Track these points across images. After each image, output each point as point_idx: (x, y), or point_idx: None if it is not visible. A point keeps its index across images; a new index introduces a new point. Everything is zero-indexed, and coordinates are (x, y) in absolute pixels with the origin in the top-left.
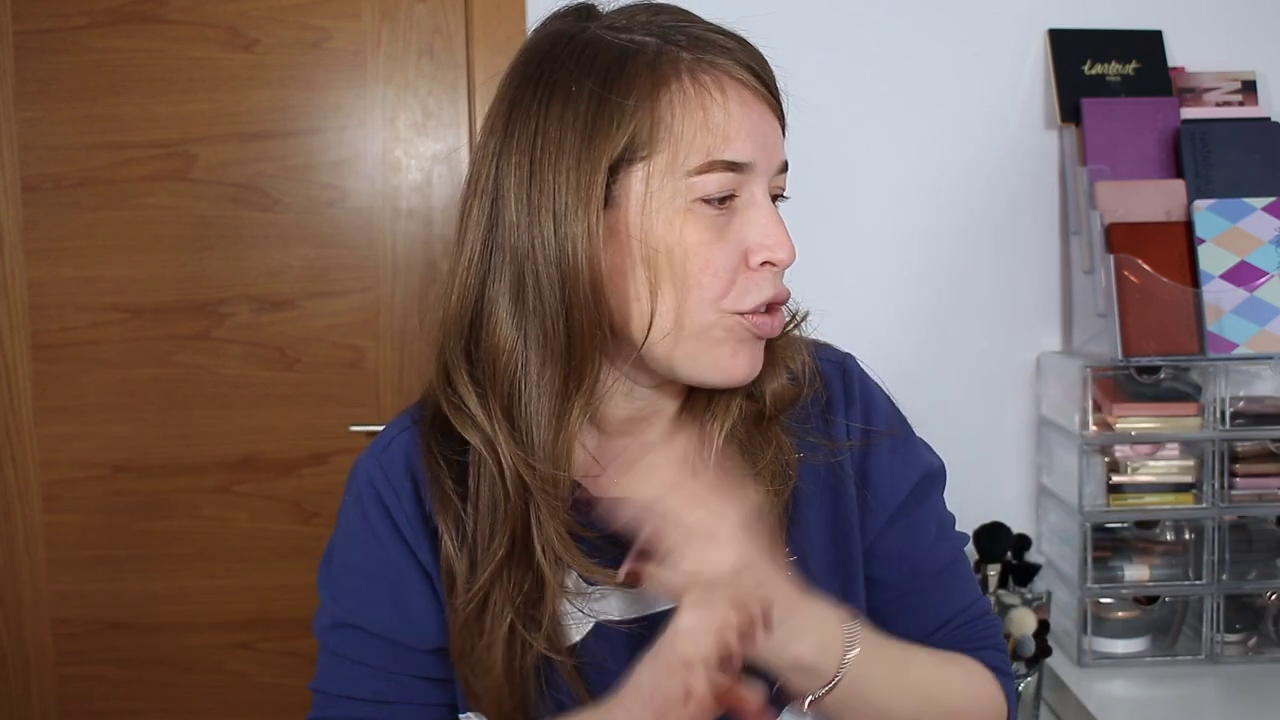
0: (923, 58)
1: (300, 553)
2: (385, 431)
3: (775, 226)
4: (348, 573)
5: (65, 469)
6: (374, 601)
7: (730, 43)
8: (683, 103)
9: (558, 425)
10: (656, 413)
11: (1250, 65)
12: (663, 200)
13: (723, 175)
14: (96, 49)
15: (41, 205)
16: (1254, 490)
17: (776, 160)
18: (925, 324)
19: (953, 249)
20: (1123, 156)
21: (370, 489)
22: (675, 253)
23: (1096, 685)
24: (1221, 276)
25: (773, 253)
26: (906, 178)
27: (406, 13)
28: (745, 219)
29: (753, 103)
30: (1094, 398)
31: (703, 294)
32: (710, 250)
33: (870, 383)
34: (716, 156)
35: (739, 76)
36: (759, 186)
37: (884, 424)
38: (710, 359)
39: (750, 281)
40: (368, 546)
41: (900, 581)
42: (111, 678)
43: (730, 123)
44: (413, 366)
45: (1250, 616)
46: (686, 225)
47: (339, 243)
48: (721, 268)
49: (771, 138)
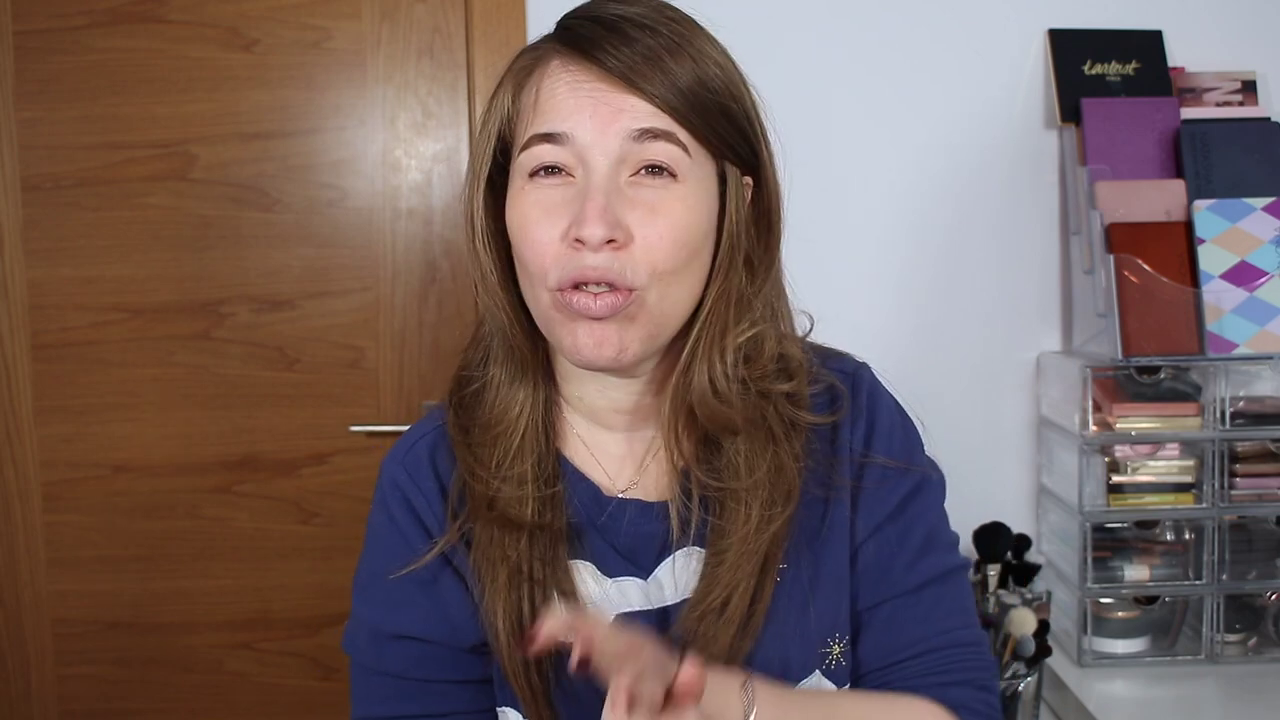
0: (923, 58)
1: (300, 553)
2: (409, 434)
3: (589, 202)
4: (382, 580)
5: (65, 469)
6: (413, 605)
7: (584, 26)
8: (531, 91)
9: (530, 413)
10: (643, 405)
11: (1250, 65)
12: (514, 186)
13: (540, 148)
14: (96, 49)
15: (41, 205)
16: (1254, 490)
17: (615, 130)
18: (925, 324)
19: (953, 249)
20: (1123, 156)
21: (396, 492)
22: (514, 233)
23: (1096, 685)
24: (1221, 276)
25: (579, 228)
26: (906, 178)
27: (406, 13)
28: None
29: (583, 79)
30: (1094, 398)
31: (529, 271)
32: (534, 227)
33: (880, 393)
34: (533, 131)
35: (570, 55)
36: (595, 160)
37: (887, 436)
38: (557, 339)
39: (565, 258)
40: (399, 550)
41: (872, 595)
42: (111, 678)
43: (551, 99)
44: (413, 366)
45: (1250, 616)
46: (518, 203)
47: (339, 243)
48: (540, 242)
49: (604, 109)
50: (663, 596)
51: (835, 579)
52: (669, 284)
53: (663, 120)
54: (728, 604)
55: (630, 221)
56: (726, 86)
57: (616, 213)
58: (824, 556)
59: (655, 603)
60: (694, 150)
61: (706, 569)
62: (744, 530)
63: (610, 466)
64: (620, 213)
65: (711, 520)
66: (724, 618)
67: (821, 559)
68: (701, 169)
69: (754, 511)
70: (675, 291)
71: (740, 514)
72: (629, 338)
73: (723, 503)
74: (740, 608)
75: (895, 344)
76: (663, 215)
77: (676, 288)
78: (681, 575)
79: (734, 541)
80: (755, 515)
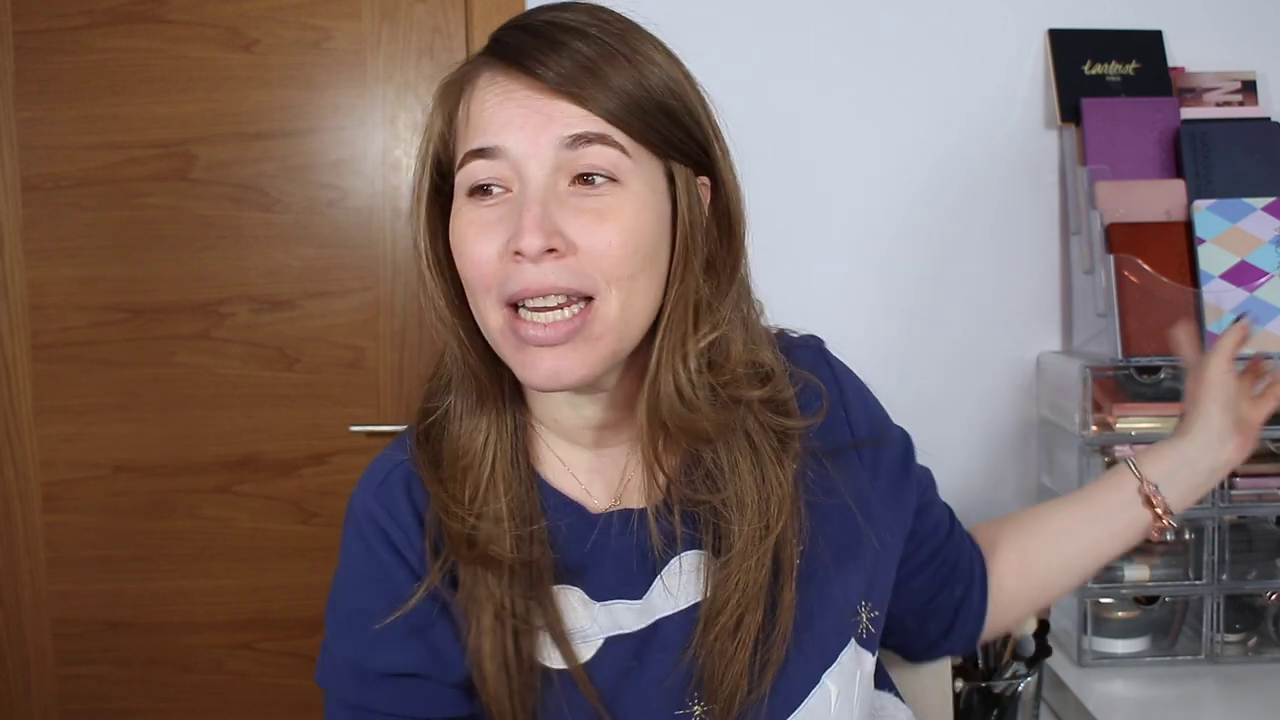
0: (923, 58)
1: (300, 553)
2: (376, 466)
3: (525, 213)
4: (367, 619)
5: (65, 469)
6: (402, 643)
7: (512, 36)
8: (463, 108)
9: (497, 442)
10: (616, 419)
11: (1250, 65)
12: (454, 207)
13: (474, 165)
14: (96, 49)
15: (41, 205)
16: (1254, 490)
17: (547, 139)
18: (926, 324)
19: (953, 249)
20: (1123, 156)
21: (374, 527)
22: (456, 255)
23: (1096, 685)
24: (1221, 276)
25: (516, 240)
26: (906, 178)
27: (406, 13)
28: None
29: (514, 90)
30: (1094, 398)
31: (474, 291)
32: (472, 246)
33: (839, 368)
34: (467, 148)
35: (499, 67)
36: (530, 171)
37: (862, 407)
38: (512, 366)
39: (505, 273)
40: (383, 588)
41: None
42: (111, 678)
43: (482, 113)
44: (412, 366)
45: (1250, 616)
46: (456, 224)
47: (339, 243)
48: (479, 260)
49: (535, 118)
50: (655, 611)
51: (852, 550)
52: (629, 291)
53: (596, 124)
54: (741, 622)
55: (574, 230)
56: (665, 84)
57: (556, 222)
58: (840, 530)
59: (648, 620)
60: (634, 152)
61: (712, 575)
62: (741, 542)
63: (590, 483)
64: (560, 222)
65: (702, 525)
66: (738, 639)
67: (838, 533)
68: (645, 170)
69: (747, 520)
70: (636, 300)
71: (734, 521)
72: (591, 359)
73: (715, 509)
74: (753, 624)
75: (896, 344)
76: (610, 220)
77: (636, 295)
78: (675, 584)
79: (734, 555)
80: (750, 524)
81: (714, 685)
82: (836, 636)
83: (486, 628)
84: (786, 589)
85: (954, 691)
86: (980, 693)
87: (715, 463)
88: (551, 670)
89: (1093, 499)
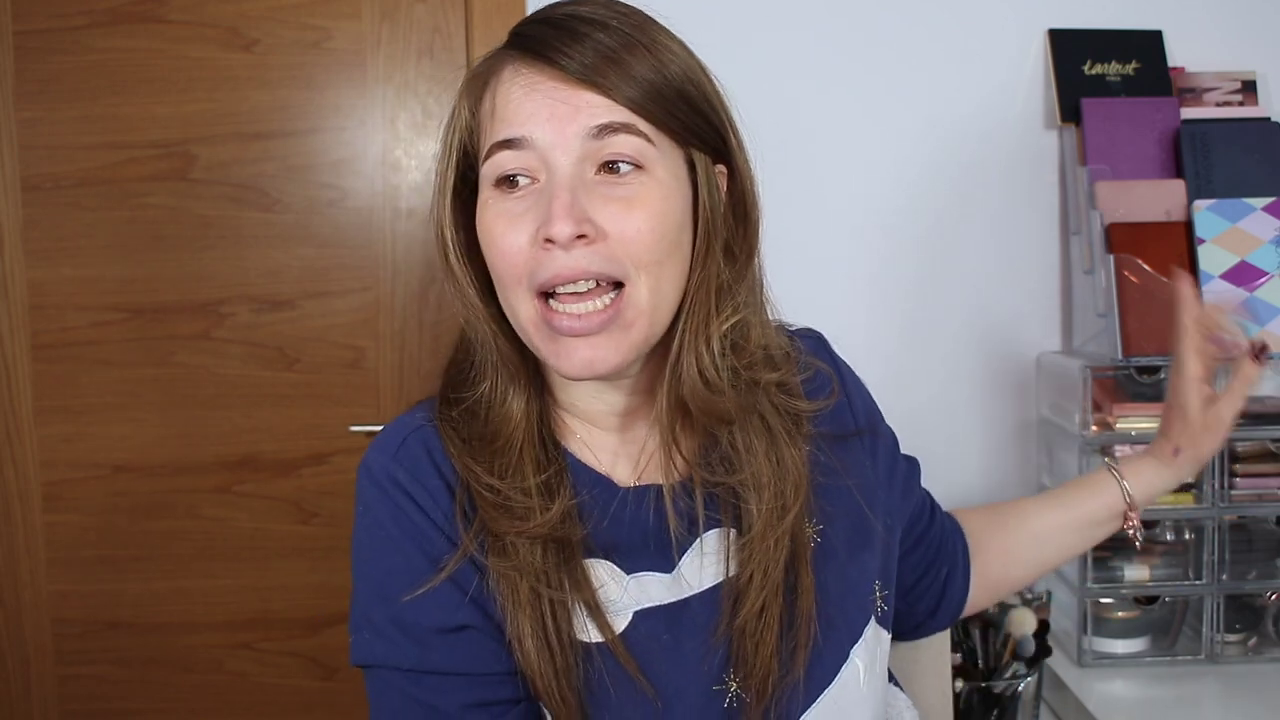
0: (923, 58)
1: (300, 553)
2: (393, 429)
3: (554, 200)
4: (408, 577)
5: (65, 469)
6: (450, 596)
7: (535, 29)
8: (488, 100)
9: (527, 424)
10: (638, 405)
11: (1250, 65)
12: (481, 198)
13: (501, 155)
14: (96, 49)
15: (41, 205)
16: (1254, 490)
17: (574, 128)
18: (925, 324)
19: (953, 249)
20: (1123, 156)
21: (398, 488)
22: (484, 245)
23: (1096, 685)
24: (1221, 276)
25: (546, 228)
26: (906, 178)
27: (406, 13)
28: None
29: (538, 81)
30: (1094, 397)
31: (503, 282)
32: (501, 237)
33: (836, 359)
34: (493, 139)
35: (522, 59)
36: (557, 160)
37: (860, 395)
38: (542, 357)
39: (537, 261)
40: (418, 545)
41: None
42: (111, 678)
43: (508, 105)
44: (413, 366)
45: (1250, 616)
46: (484, 215)
47: (339, 243)
48: (509, 250)
49: (562, 109)
50: (684, 585)
51: (862, 533)
52: (657, 277)
53: (621, 113)
54: (765, 605)
55: (603, 217)
56: (684, 73)
57: (585, 208)
58: (850, 512)
59: (678, 595)
60: (658, 140)
61: (734, 555)
62: (760, 523)
63: (614, 464)
64: (590, 209)
65: (722, 507)
66: (763, 621)
67: (848, 515)
68: (669, 158)
69: (765, 501)
70: (664, 285)
71: (752, 502)
72: (625, 346)
73: (734, 491)
74: (775, 607)
75: (896, 344)
76: (638, 208)
77: (664, 280)
78: (699, 562)
79: (754, 536)
80: (767, 504)
81: (747, 666)
82: (859, 614)
83: (524, 601)
84: (805, 571)
85: (954, 691)
86: (980, 693)
87: (732, 444)
88: (590, 644)
89: (1075, 507)
